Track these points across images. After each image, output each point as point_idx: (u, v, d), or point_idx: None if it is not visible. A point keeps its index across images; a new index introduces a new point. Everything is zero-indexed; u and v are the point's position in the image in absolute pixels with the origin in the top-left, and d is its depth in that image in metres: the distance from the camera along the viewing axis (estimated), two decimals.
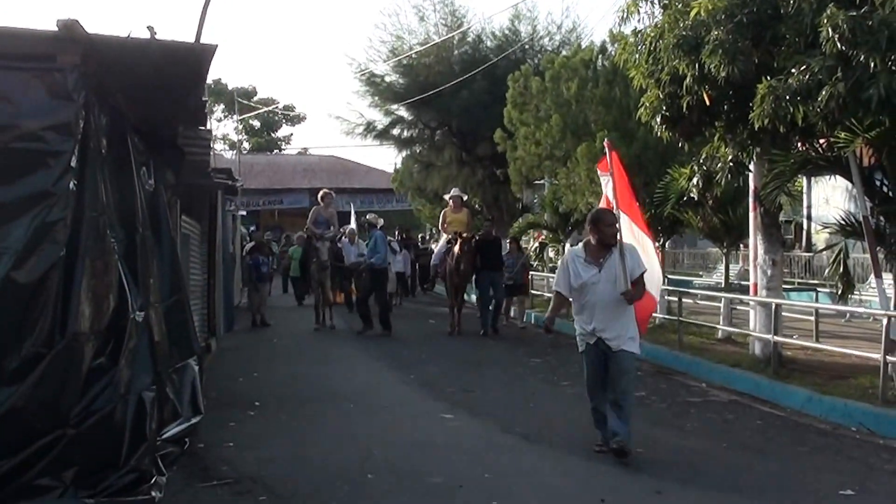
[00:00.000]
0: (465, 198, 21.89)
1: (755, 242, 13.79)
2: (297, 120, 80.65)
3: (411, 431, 9.58)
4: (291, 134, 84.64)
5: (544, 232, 26.26)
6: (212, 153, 14.94)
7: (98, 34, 6.22)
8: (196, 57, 6.80)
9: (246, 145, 69.67)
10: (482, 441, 9.27)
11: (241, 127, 63.64)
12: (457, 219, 19.91)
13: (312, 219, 20.34)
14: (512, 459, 8.47)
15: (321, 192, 20.67)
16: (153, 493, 6.65)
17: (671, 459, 8.47)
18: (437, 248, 21.47)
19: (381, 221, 21.57)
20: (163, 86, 7.59)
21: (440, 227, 20.64)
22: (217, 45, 6.56)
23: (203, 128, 11.12)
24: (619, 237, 8.50)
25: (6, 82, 6.35)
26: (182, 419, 8.58)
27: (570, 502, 7.14)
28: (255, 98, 68.78)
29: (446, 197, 21.01)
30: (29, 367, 5.82)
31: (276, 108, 71.45)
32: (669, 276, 21.43)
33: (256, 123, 74.82)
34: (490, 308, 19.12)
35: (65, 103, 6.12)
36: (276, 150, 74.20)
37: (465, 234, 19.07)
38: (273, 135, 78.76)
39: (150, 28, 6.66)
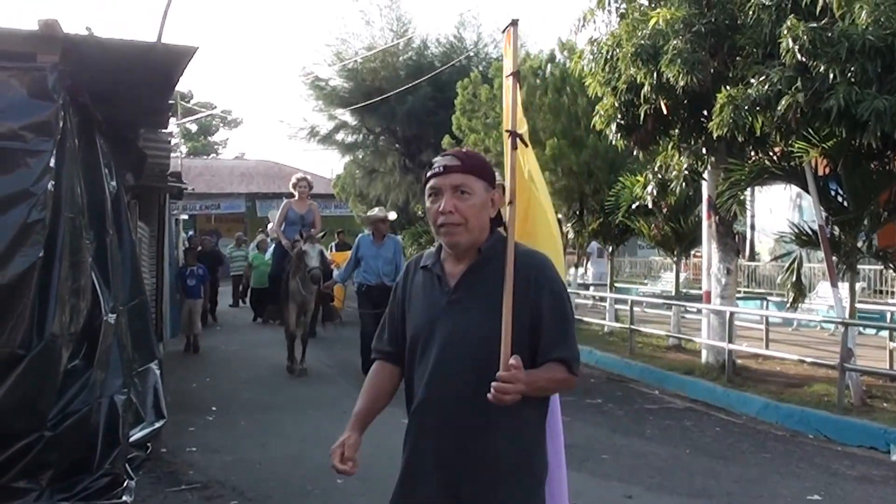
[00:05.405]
0: None
1: (709, 251, 13.93)
2: (234, 124, 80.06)
3: (376, 436, 9.42)
4: (228, 138, 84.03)
5: None
6: (171, 156, 14.15)
7: (77, 34, 6.13)
8: (174, 59, 6.73)
9: (183, 149, 68.80)
10: None
11: (179, 130, 62.93)
12: None
13: (281, 217, 14.66)
14: None
15: (294, 178, 15.00)
16: (125, 498, 6.61)
17: (636, 465, 8.53)
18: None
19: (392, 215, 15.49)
20: (134, 86, 7.51)
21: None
22: (197, 48, 6.49)
23: (164, 130, 11.01)
24: None
25: None
26: (145, 423, 8.48)
27: None
28: (192, 102, 67.99)
29: None
30: (7, 368, 5.72)
31: (215, 112, 70.83)
32: (616, 285, 21.56)
33: (193, 127, 74.11)
34: None
35: (45, 103, 6.02)
36: (212, 155, 73.42)
37: None
38: (209, 139, 78.01)
39: (87, 29, 6.52)
